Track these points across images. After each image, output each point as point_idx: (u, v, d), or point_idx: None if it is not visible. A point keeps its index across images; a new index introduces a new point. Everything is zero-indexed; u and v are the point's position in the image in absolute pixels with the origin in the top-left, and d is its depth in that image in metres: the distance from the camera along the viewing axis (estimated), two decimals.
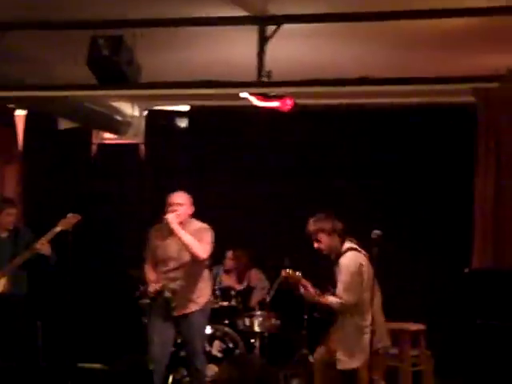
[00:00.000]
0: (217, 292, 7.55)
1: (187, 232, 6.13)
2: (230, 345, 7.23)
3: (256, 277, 7.94)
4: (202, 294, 6.35)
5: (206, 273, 6.44)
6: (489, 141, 5.23)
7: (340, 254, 5.69)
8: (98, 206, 7.70)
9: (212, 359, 7.10)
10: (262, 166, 8.06)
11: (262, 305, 7.48)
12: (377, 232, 5.79)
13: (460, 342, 5.52)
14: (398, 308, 7.04)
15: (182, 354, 6.94)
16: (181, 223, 6.15)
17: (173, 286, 6.17)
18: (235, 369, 3.19)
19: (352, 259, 5.67)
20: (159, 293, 6.14)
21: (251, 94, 5.68)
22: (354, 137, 7.81)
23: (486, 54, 5.35)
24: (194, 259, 6.13)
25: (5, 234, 6.80)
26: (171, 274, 6.22)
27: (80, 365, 7.74)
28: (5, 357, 6.44)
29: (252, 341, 7.35)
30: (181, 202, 6.20)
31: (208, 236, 6.20)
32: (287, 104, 5.74)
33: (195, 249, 6.08)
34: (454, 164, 7.24)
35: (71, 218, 6.58)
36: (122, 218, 8.27)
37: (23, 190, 7.60)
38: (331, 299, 5.66)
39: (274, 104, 5.70)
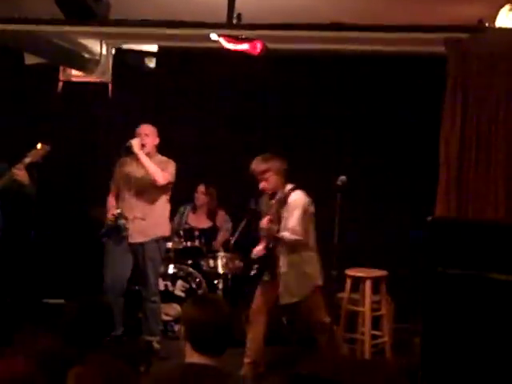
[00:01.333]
0: (181, 232, 7.60)
1: (152, 162, 6.32)
2: (193, 285, 7.29)
3: (222, 218, 7.96)
4: (160, 226, 6.53)
5: (165, 206, 6.60)
6: (457, 91, 5.22)
7: (285, 194, 5.81)
8: (63, 144, 7.60)
9: (175, 299, 7.17)
10: (227, 108, 8.02)
11: (226, 246, 7.54)
12: (342, 178, 5.85)
13: (420, 288, 5.58)
14: (360, 254, 7.17)
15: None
16: (147, 154, 6.37)
17: (131, 214, 6.36)
18: (197, 308, 3.22)
19: (301, 197, 5.84)
20: (116, 218, 6.32)
21: (221, 35, 5.61)
22: (323, 83, 7.76)
23: (459, 4, 5.31)
24: (155, 186, 6.32)
25: None
26: (131, 201, 6.41)
27: (45, 300, 7.78)
28: None
29: (215, 282, 7.41)
30: (147, 133, 6.43)
31: (171, 167, 6.44)
32: (257, 47, 5.68)
33: (155, 174, 6.31)
34: (421, 113, 7.26)
35: (41, 149, 6.44)
36: (88, 156, 8.22)
37: None
38: (286, 234, 5.79)
39: (244, 47, 5.64)
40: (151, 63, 7.36)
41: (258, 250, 5.99)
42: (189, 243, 7.55)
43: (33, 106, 7.94)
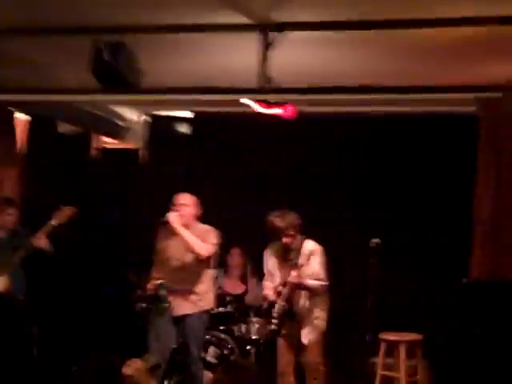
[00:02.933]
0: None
1: (192, 234, 6.15)
2: (226, 351, 7.21)
3: (252, 284, 7.90)
4: (204, 298, 6.37)
5: (208, 276, 6.42)
6: (489, 151, 5.23)
7: (299, 243, 6.03)
8: (98, 210, 7.67)
9: (207, 366, 7.08)
10: (262, 174, 8.04)
11: (258, 311, 7.47)
12: (375, 240, 5.83)
13: (458, 352, 5.50)
14: (395, 318, 7.06)
15: (179, 358, 6.95)
16: (186, 225, 6.18)
17: (174, 286, 6.17)
18: (230, 375, 3.19)
19: (317, 245, 6.08)
20: (158, 288, 6.12)
21: (254, 100, 5.67)
22: (356, 145, 7.79)
23: (488, 64, 5.35)
24: (197, 258, 6.16)
25: (3, 234, 6.77)
26: (173, 275, 6.22)
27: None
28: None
29: (247, 347, 7.33)
30: (185, 203, 6.25)
31: (212, 237, 6.25)
32: (289, 111, 5.74)
33: (197, 246, 6.11)
34: (455, 174, 7.22)
35: (66, 210, 6.48)
36: (122, 222, 8.25)
37: (23, 193, 7.59)
38: (314, 283, 5.98)
39: (276, 111, 5.70)
40: (185, 129, 7.42)
41: (270, 289, 6.19)
42: (221, 309, 7.50)
43: (66, 173, 8.03)
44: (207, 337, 7.24)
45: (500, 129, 5.13)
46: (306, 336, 6.08)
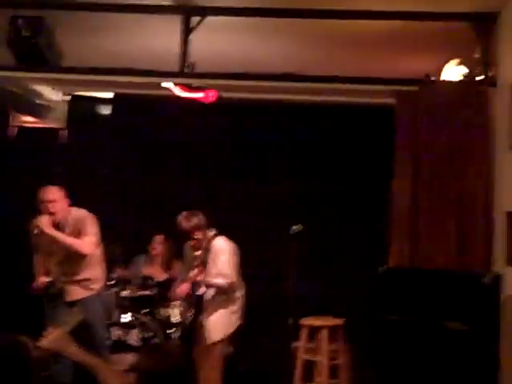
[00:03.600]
0: (136, 281, 7.51)
1: (68, 225, 5.94)
2: (149, 334, 7.18)
3: (178, 268, 7.86)
4: (96, 280, 6.21)
5: (97, 258, 6.20)
6: (406, 142, 5.28)
7: (208, 241, 5.99)
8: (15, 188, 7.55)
9: (130, 348, 7.05)
10: (181, 156, 7.99)
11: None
12: (297, 227, 5.84)
13: (375, 336, 5.57)
14: (316, 303, 7.13)
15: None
16: (60, 220, 5.93)
17: (63, 278, 6.05)
18: (153, 356, 3.17)
19: (226, 242, 6.01)
20: (48, 287, 6.03)
21: (175, 84, 5.62)
22: (276, 133, 7.79)
23: (407, 59, 5.42)
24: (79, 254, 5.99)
25: None
26: (61, 267, 6.07)
27: None
28: None
29: (169, 331, 7.31)
30: (54, 199, 5.90)
31: (90, 224, 5.97)
32: (210, 96, 5.70)
33: (78, 247, 5.90)
34: (373, 163, 7.30)
35: None
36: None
37: None
38: (218, 281, 5.91)
39: (197, 95, 5.66)
40: (106, 110, 7.33)
41: (182, 289, 6.15)
42: (144, 292, 7.46)
43: None
44: (130, 319, 7.22)
45: (417, 123, 5.18)
46: (209, 339, 6.03)
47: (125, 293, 7.38)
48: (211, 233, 6.03)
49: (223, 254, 5.94)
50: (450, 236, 5.31)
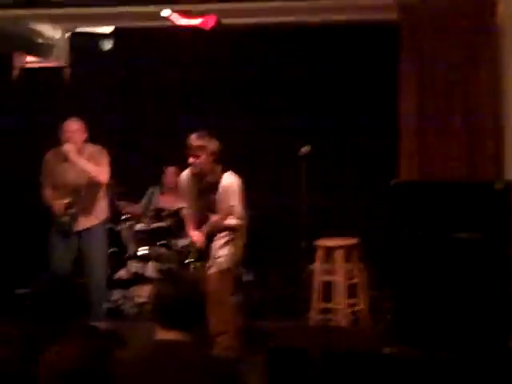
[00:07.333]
0: (149, 213, 7.56)
1: (84, 156, 6.39)
2: (166, 265, 7.26)
3: None
4: (102, 211, 6.64)
5: (103, 192, 6.65)
6: (411, 58, 5.21)
7: (216, 177, 5.75)
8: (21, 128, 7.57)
9: (147, 280, 7.15)
10: (185, 85, 7.93)
11: None
12: (305, 148, 5.82)
13: (390, 253, 5.61)
14: (329, 224, 7.17)
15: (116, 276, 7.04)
16: (78, 150, 6.40)
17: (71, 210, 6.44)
18: (169, 284, 3.20)
19: (235, 179, 5.79)
20: (67, 207, 6.41)
21: (174, 11, 5.54)
22: (278, 56, 7.70)
23: None
24: (95, 183, 6.43)
25: None
26: (72, 197, 6.45)
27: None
28: None
29: (187, 260, 7.36)
30: (74, 130, 6.45)
31: (105, 158, 6.48)
32: (210, 21, 5.61)
33: (97, 174, 6.39)
34: (379, 80, 7.22)
35: None
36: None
37: None
38: (232, 221, 5.78)
39: (196, 21, 5.57)
40: (107, 45, 7.26)
41: (198, 236, 5.94)
42: (158, 224, 7.52)
43: None
44: (146, 252, 7.31)
45: (421, 36, 5.08)
46: (208, 268, 5.96)
47: (139, 226, 7.47)
48: (218, 168, 5.81)
49: (233, 191, 5.76)
50: (459, 146, 5.30)
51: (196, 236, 5.93)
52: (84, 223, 6.52)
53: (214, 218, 5.76)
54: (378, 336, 5.86)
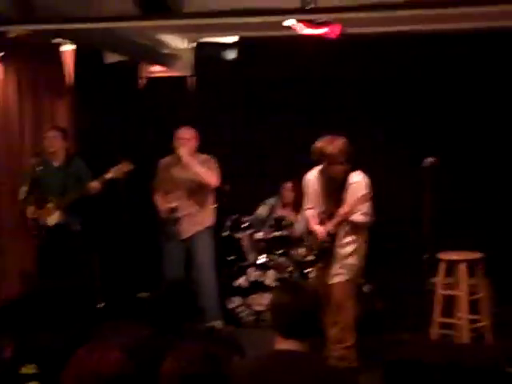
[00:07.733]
0: (270, 222, 7.59)
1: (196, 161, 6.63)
2: (285, 274, 7.27)
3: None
4: (209, 218, 6.87)
5: (211, 198, 6.88)
6: None
7: (345, 174, 5.68)
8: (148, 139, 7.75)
9: (266, 289, 7.18)
10: (311, 97, 7.85)
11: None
12: (429, 160, 5.71)
13: None
14: (454, 237, 6.96)
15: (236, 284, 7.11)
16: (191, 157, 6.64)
17: (182, 212, 6.71)
18: (287, 294, 3.20)
19: (365, 178, 5.71)
20: (172, 210, 6.66)
21: (297, 21, 5.52)
22: (405, 65, 7.53)
23: None
24: (205, 187, 6.68)
25: (57, 163, 6.86)
26: (181, 202, 6.72)
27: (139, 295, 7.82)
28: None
29: (306, 271, 7.35)
30: (189, 137, 6.70)
31: (215, 165, 6.73)
32: (335, 30, 5.57)
33: (208, 177, 6.64)
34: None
35: (123, 166, 6.64)
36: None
37: (74, 124, 7.69)
38: (360, 218, 5.68)
39: (321, 31, 5.53)
40: (232, 54, 7.35)
41: (322, 231, 5.82)
42: (278, 232, 7.54)
43: (114, 104, 8.05)
44: (265, 260, 7.34)
45: None
46: (333, 277, 5.80)
47: (259, 234, 7.53)
48: (346, 166, 5.71)
49: (361, 189, 5.66)
50: None
51: (319, 230, 5.83)
52: (190, 229, 6.74)
53: (342, 210, 5.68)
54: (503, 354, 5.64)
